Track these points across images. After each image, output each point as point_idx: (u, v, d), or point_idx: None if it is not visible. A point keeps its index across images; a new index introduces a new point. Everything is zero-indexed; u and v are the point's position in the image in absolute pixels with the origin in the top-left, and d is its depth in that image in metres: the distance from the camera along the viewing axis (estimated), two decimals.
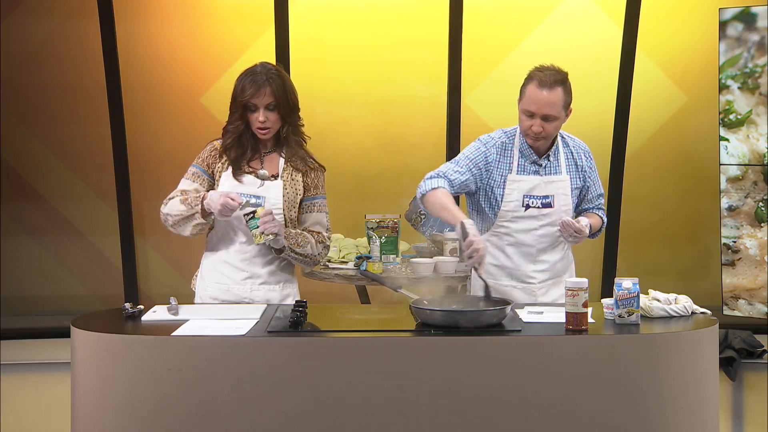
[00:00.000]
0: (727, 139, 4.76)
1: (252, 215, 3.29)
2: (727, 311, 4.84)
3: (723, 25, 4.73)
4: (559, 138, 3.59)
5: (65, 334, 3.06)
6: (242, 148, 3.45)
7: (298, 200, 3.48)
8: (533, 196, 3.53)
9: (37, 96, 5.30)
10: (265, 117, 3.38)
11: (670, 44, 5.32)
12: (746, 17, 4.67)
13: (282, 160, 3.49)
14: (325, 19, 5.30)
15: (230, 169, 3.45)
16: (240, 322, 3.04)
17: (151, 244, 5.37)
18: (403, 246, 4.71)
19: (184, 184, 3.47)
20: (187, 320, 3.08)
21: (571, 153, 3.60)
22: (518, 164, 3.53)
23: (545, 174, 3.55)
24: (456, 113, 5.25)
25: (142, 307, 3.20)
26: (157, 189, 3.70)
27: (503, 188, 3.53)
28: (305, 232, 3.47)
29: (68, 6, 5.25)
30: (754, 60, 4.67)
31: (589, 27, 5.28)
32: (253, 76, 3.37)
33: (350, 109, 5.39)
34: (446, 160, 5.25)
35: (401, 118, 5.41)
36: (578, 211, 3.74)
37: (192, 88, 5.30)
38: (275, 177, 3.46)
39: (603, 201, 3.79)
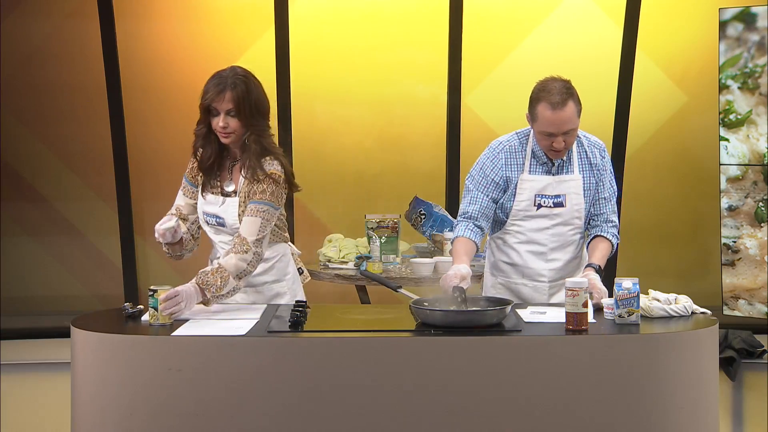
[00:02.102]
0: (727, 139, 4.76)
1: (153, 294, 3.02)
2: (727, 311, 4.84)
3: (723, 25, 4.73)
4: None
5: (65, 334, 3.05)
6: (209, 152, 3.32)
7: None
8: (545, 196, 3.50)
9: (37, 96, 5.30)
10: (225, 123, 3.24)
11: (670, 44, 5.32)
12: (746, 17, 4.67)
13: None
14: (325, 19, 5.30)
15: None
16: (240, 322, 3.03)
17: (151, 244, 5.35)
18: (403, 246, 4.71)
19: (179, 197, 3.45)
20: (187, 320, 3.08)
21: (585, 151, 3.55)
22: (530, 164, 3.52)
23: (557, 173, 3.52)
24: (456, 113, 5.25)
25: (142, 307, 3.18)
26: (157, 189, 3.71)
27: (515, 188, 3.53)
28: (221, 263, 3.17)
29: (68, 6, 5.25)
30: (754, 60, 4.67)
31: (589, 27, 5.28)
32: (217, 80, 3.25)
33: (350, 109, 5.39)
34: (446, 160, 5.31)
35: (401, 118, 5.41)
36: (589, 225, 3.60)
37: (192, 88, 5.25)
38: (235, 193, 3.33)
39: (611, 207, 3.58)
